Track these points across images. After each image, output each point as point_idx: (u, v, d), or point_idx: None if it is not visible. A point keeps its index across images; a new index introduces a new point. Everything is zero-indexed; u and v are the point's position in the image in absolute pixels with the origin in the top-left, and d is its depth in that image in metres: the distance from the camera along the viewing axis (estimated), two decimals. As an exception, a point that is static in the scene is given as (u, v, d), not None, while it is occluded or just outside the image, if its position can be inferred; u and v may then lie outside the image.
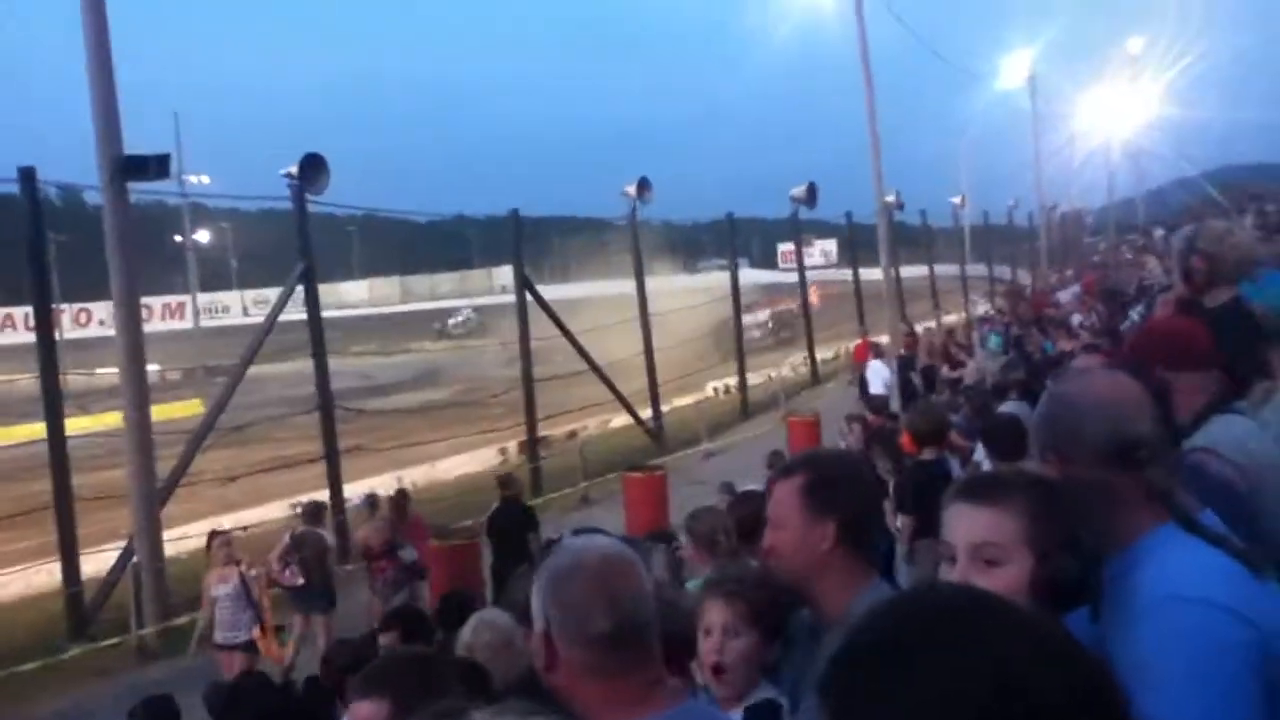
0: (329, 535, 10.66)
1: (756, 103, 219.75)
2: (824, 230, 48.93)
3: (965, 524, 1.78)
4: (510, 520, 10.32)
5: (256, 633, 9.06)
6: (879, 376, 17.60)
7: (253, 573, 9.22)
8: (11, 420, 37.03)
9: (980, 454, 6.84)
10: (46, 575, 14.08)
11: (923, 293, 36.69)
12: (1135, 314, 13.41)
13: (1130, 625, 1.64)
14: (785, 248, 54.46)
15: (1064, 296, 26.60)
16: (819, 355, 28.60)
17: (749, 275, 30.32)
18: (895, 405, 15.75)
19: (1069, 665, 0.93)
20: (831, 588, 2.11)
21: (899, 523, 6.18)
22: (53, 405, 11.80)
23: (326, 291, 15.07)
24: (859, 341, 22.93)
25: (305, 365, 19.90)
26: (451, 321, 57.90)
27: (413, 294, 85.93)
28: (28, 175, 11.48)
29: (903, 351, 18.97)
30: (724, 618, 2.64)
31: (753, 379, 25.13)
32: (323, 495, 15.61)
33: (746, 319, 45.31)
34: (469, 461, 22.14)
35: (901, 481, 6.62)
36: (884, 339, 21.91)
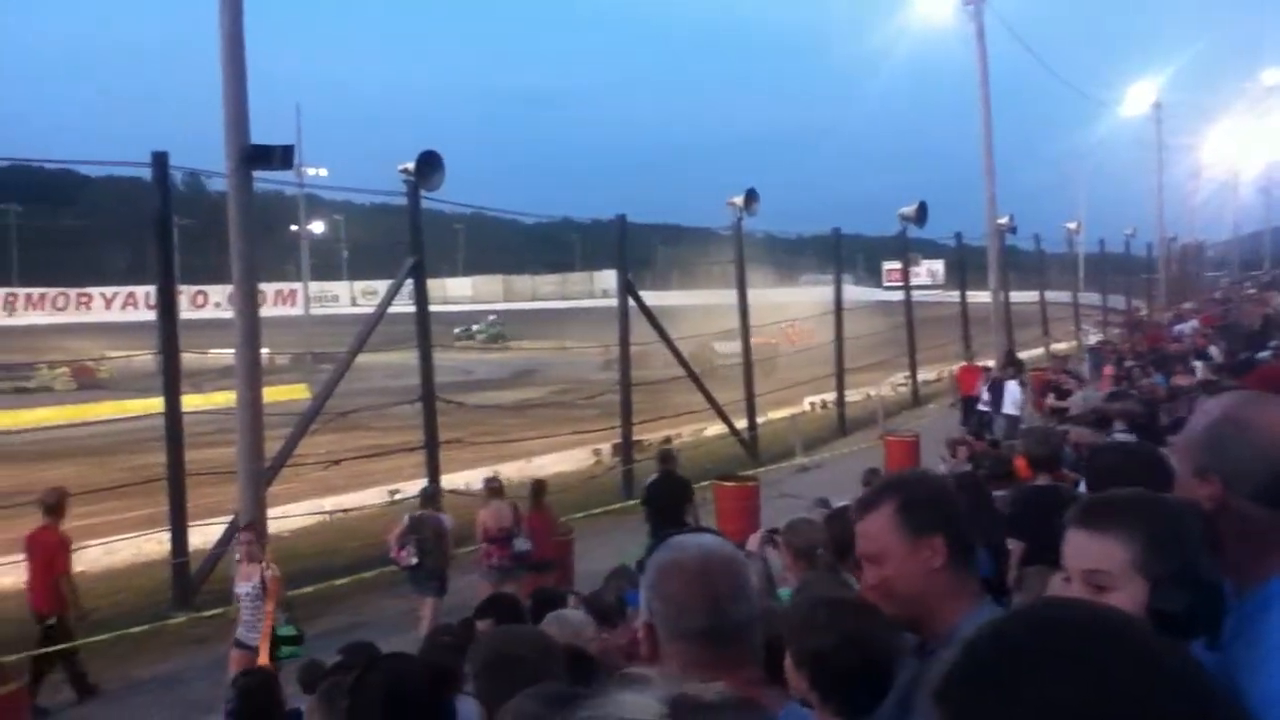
0: (448, 519, 10.77)
1: (868, 121, 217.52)
2: (931, 250, 48.21)
3: (1079, 549, 1.75)
4: (667, 491, 11.27)
5: (268, 631, 8.65)
6: (1011, 398, 17.43)
7: (269, 572, 8.83)
8: (129, 394, 38.72)
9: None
10: (156, 544, 14.66)
11: (1031, 319, 35.86)
12: (1269, 351, 12.97)
13: (1264, 661, 1.59)
14: (891, 266, 53.84)
15: (1182, 330, 25.69)
16: (920, 376, 28.13)
17: (852, 292, 29.94)
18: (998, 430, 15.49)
19: (1190, 692, 0.91)
20: (940, 607, 2.07)
21: (1010, 547, 6.04)
22: (171, 382, 12.26)
23: (433, 286, 15.39)
24: (964, 365, 22.53)
25: (407, 357, 20.36)
26: (475, 326, 58.57)
27: (515, 293, 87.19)
28: (160, 160, 11.96)
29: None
30: None
31: (851, 396, 24.85)
32: (421, 484, 15.97)
33: (727, 348, 45.88)
34: (562, 461, 22.34)
35: (1014, 506, 6.48)
36: (989, 363, 21.48)
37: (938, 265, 54.43)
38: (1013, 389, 17.82)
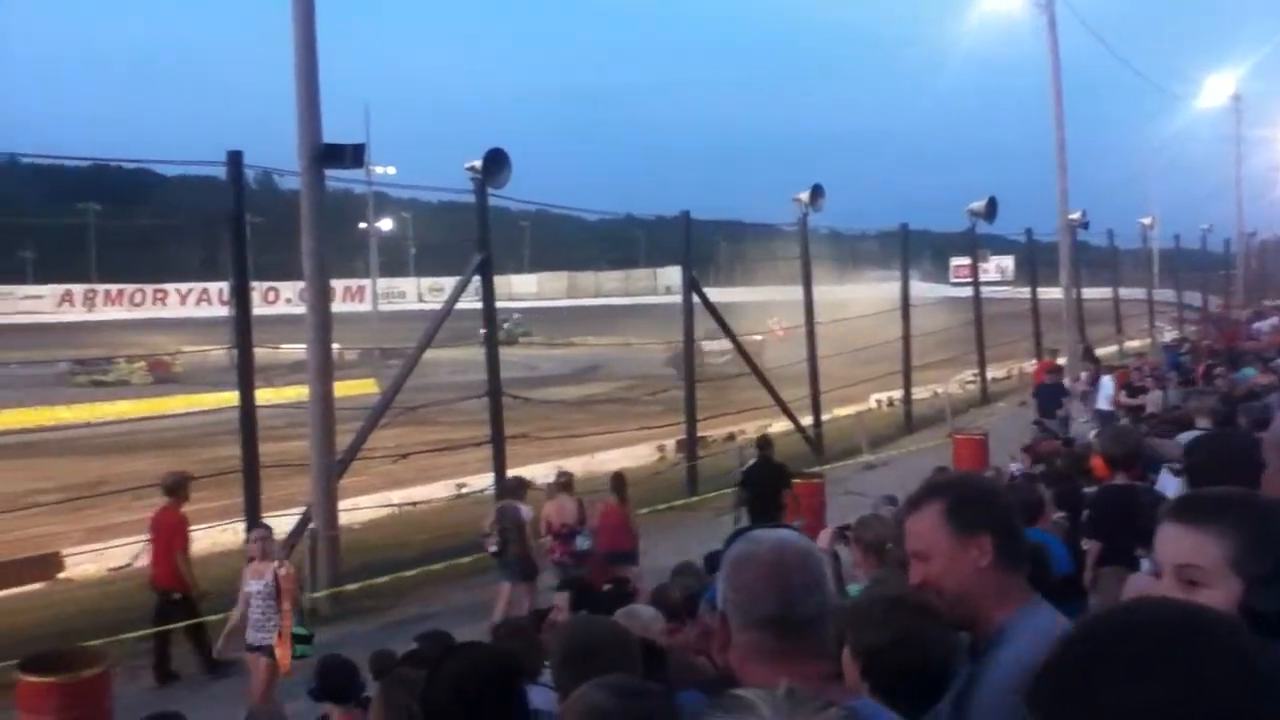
0: (527, 510, 10.92)
1: (936, 116, 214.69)
2: (1001, 246, 47.49)
3: (1172, 544, 1.73)
4: (765, 475, 12.11)
5: (275, 638, 8.45)
6: (1105, 394, 17.30)
7: (283, 570, 8.62)
8: (202, 389, 39.65)
9: (1163, 483, 6.52)
10: (231, 534, 15.00)
11: (1104, 315, 35.15)
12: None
13: None
14: (959, 262, 53.14)
15: (1261, 328, 25.01)
16: (989, 373, 27.72)
17: (919, 288, 29.61)
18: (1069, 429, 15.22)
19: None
20: (988, 606, 2.07)
21: (1085, 548, 5.94)
22: (246, 377, 12.51)
23: (498, 283, 15.54)
24: (1039, 362, 22.23)
25: (471, 352, 20.61)
26: (505, 326, 58.35)
27: (579, 289, 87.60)
28: (235, 159, 12.20)
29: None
30: None
31: (919, 393, 24.57)
32: (487, 478, 16.14)
33: (713, 346, 46.06)
34: (627, 457, 22.40)
35: (1091, 506, 6.36)
36: (1061, 360, 21.14)
37: (1007, 261, 53.65)
38: (1107, 385, 17.59)
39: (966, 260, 35.61)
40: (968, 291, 29.11)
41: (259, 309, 12.88)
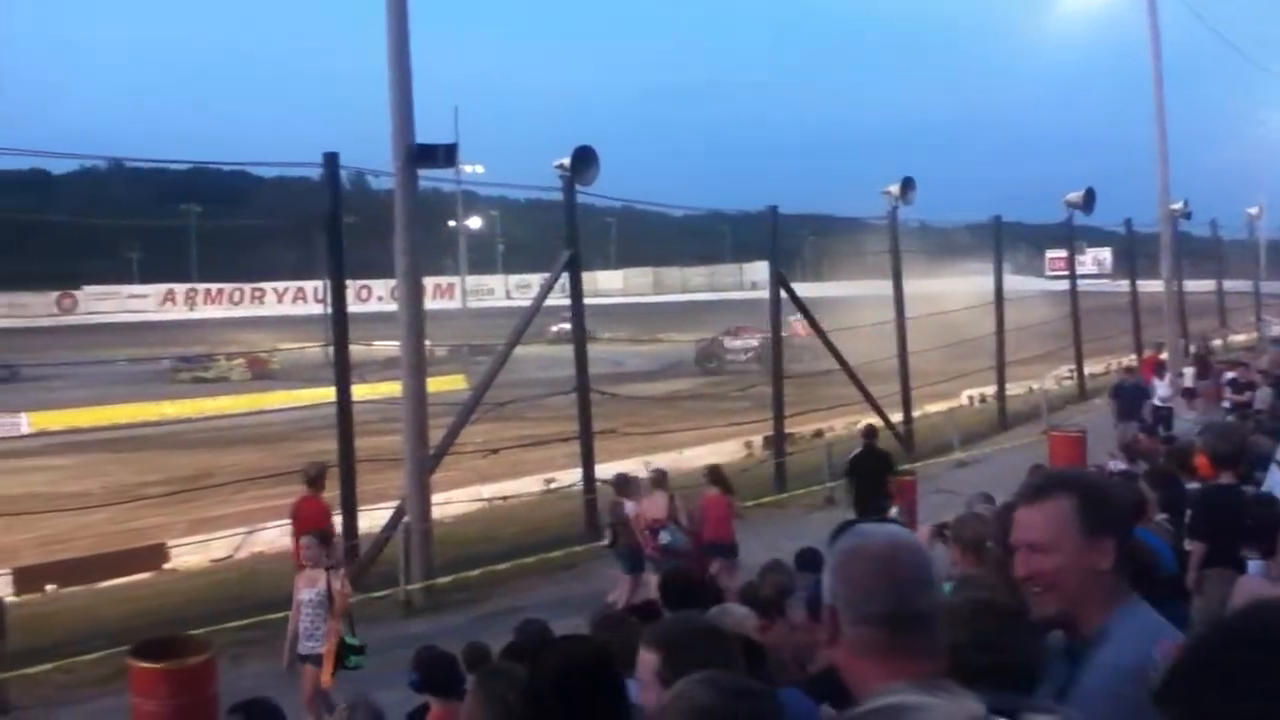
0: (631, 505, 11.13)
1: (1029, 103, 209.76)
2: (1098, 238, 46.28)
3: None
4: (871, 462, 12.64)
5: (325, 650, 8.22)
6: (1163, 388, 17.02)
7: (338, 585, 8.32)
8: (298, 384, 40.69)
9: (1271, 482, 6.30)
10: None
11: (1207, 309, 34.03)
12: None
13: None
14: (1054, 254, 51.87)
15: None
16: (1087, 369, 27.02)
17: (1014, 282, 28.99)
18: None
19: None
20: (1094, 607, 2.05)
21: (1189, 549, 5.75)
22: (342, 373, 12.79)
23: (585, 279, 15.63)
24: (1148, 355, 21.69)
25: (557, 348, 20.79)
26: (555, 329, 58.11)
27: (665, 285, 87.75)
28: (331, 161, 12.50)
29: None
30: None
31: (1013, 389, 24.07)
32: (575, 473, 16.27)
33: (734, 343, 45.90)
34: (713, 453, 22.36)
35: (1195, 507, 6.15)
36: (1163, 355, 20.54)
37: (1105, 253, 52.35)
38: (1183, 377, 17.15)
39: (1063, 252, 34.72)
40: (1064, 285, 28.40)
41: (352, 306, 13.15)
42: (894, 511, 12.11)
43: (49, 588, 14.70)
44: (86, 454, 29.84)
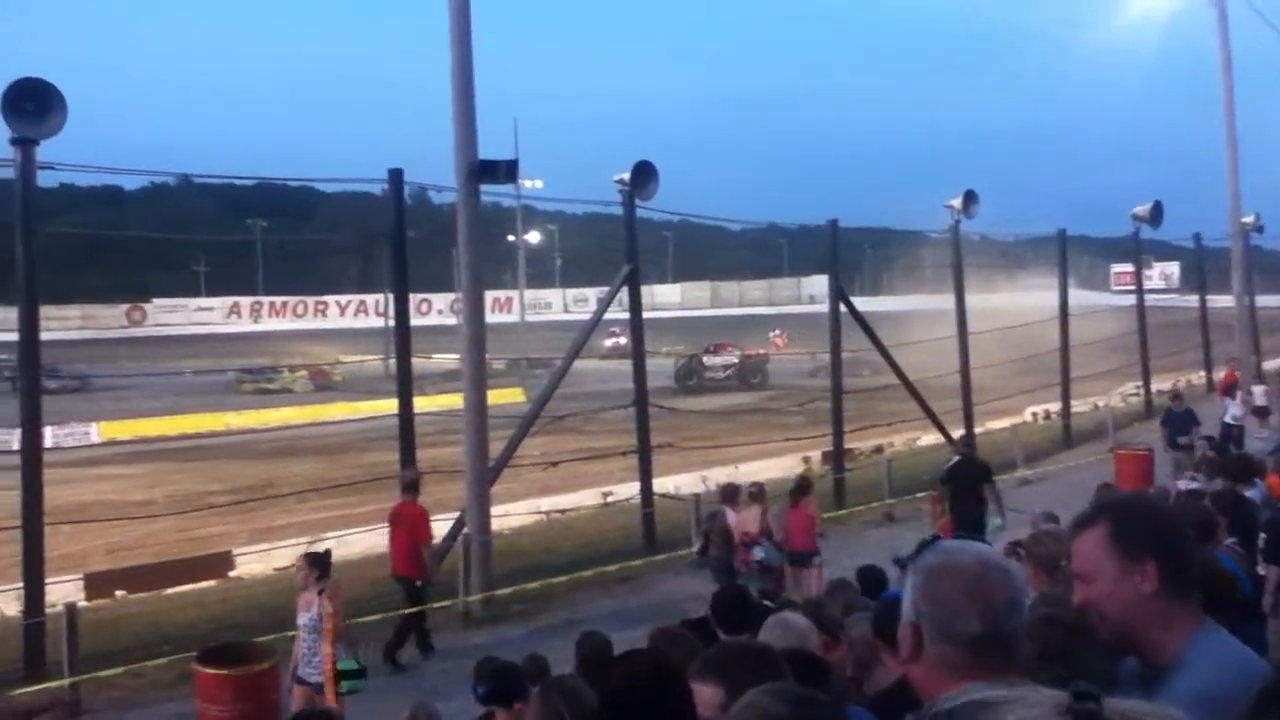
0: (733, 516, 11.20)
1: (1094, 116, 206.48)
2: (1164, 252, 45.39)
3: None
4: (967, 471, 12.73)
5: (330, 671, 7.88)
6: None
7: (325, 607, 7.90)
8: (359, 396, 41.22)
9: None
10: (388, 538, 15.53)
11: (1278, 325, 33.15)
12: None
13: None
14: (1119, 269, 50.98)
15: None
16: (1154, 385, 26.46)
17: (1078, 296, 28.50)
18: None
19: None
20: (1158, 634, 1.99)
21: (1263, 571, 5.60)
22: (405, 385, 12.94)
23: (642, 293, 15.67)
24: (1226, 371, 21.25)
25: (614, 362, 20.82)
26: (609, 344, 57.66)
27: (722, 299, 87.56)
28: (395, 177, 12.65)
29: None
30: None
31: (1078, 406, 23.64)
32: (632, 487, 16.28)
33: (714, 360, 45.57)
34: (771, 467, 22.24)
35: (1267, 529, 5.98)
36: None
37: (1172, 268, 51.38)
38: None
39: (1128, 267, 34.10)
40: (1130, 300, 27.86)
41: (413, 320, 13.29)
42: (995, 522, 12.22)
43: (118, 593, 15.02)
44: (153, 463, 30.48)
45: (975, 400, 20.78)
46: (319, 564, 8.26)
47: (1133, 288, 28.35)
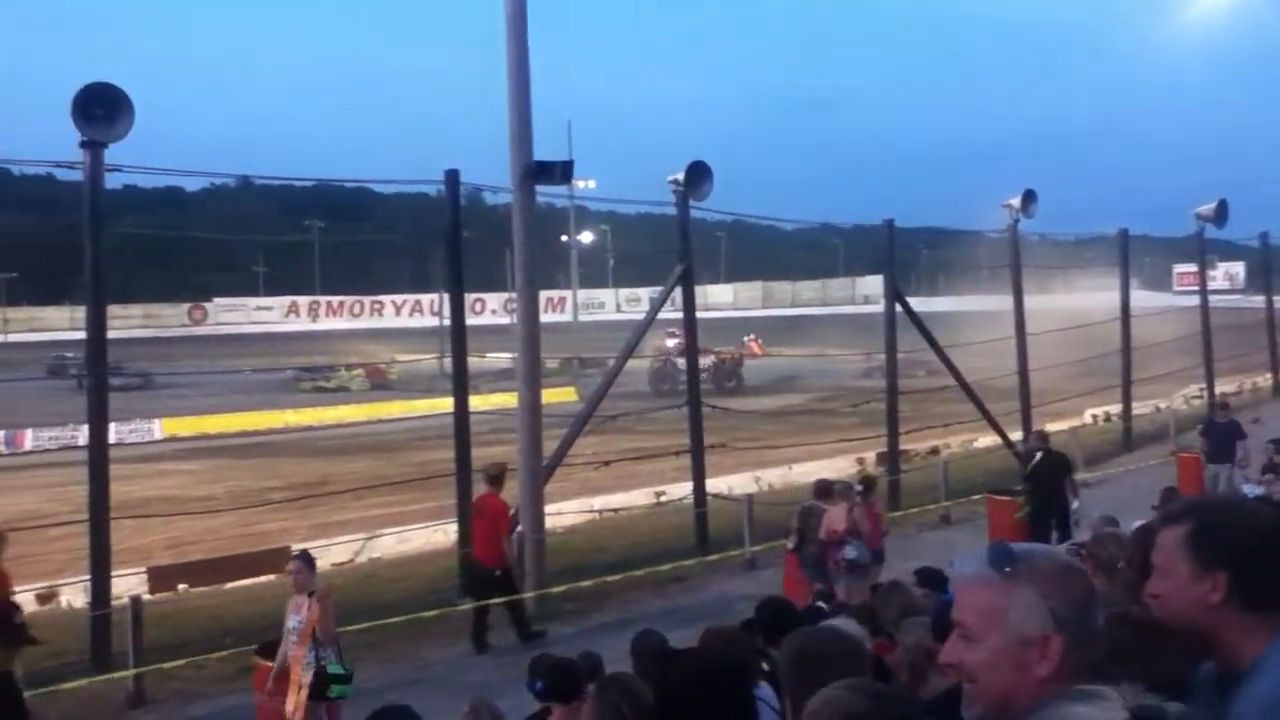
0: (825, 512, 11.27)
1: (1157, 115, 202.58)
2: (1229, 252, 44.43)
3: None
4: (1049, 466, 12.93)
5: (296, 677, 7.69)
6: None
7: (310, 611, 7.72)
8: (415, 395, 41.62)
9: None
10: (443, 535, 15.68)
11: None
12: None
13: None
14: (1182, 269, 50.00)
15: None
16: (1218, 388, 25.91)
17: (1140, 297, 27.98)
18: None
19: None
20: (1231, 641, 1.94)
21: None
22: (461, 384, 13.03)
23: (695, 293, 15.64)
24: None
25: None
26: (669, 342, 57.18)
27: (774, 299, 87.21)
28: (452, 178, 12.75)
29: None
30: None
31: (1139, 408, 23.21)
32: (685, 487, 16.28)
33: (683, 363, 44.73)
34: (825, 469, 22.10)
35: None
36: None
37: (1237, 268, 50.30)
38: None
39: (1191, 267, 33.41)
40: (1193, 300, 27.30)
41: (467, 319, 13.38)
42: (1076, 505, 12.39)
43: (180, 587, 15.33)
44: (214, 459, 31.04)
45: (1034, 402, 20.50)
46: (313, 565, 8.11)
47: (1196, 288, 27.79)
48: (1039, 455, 13.38)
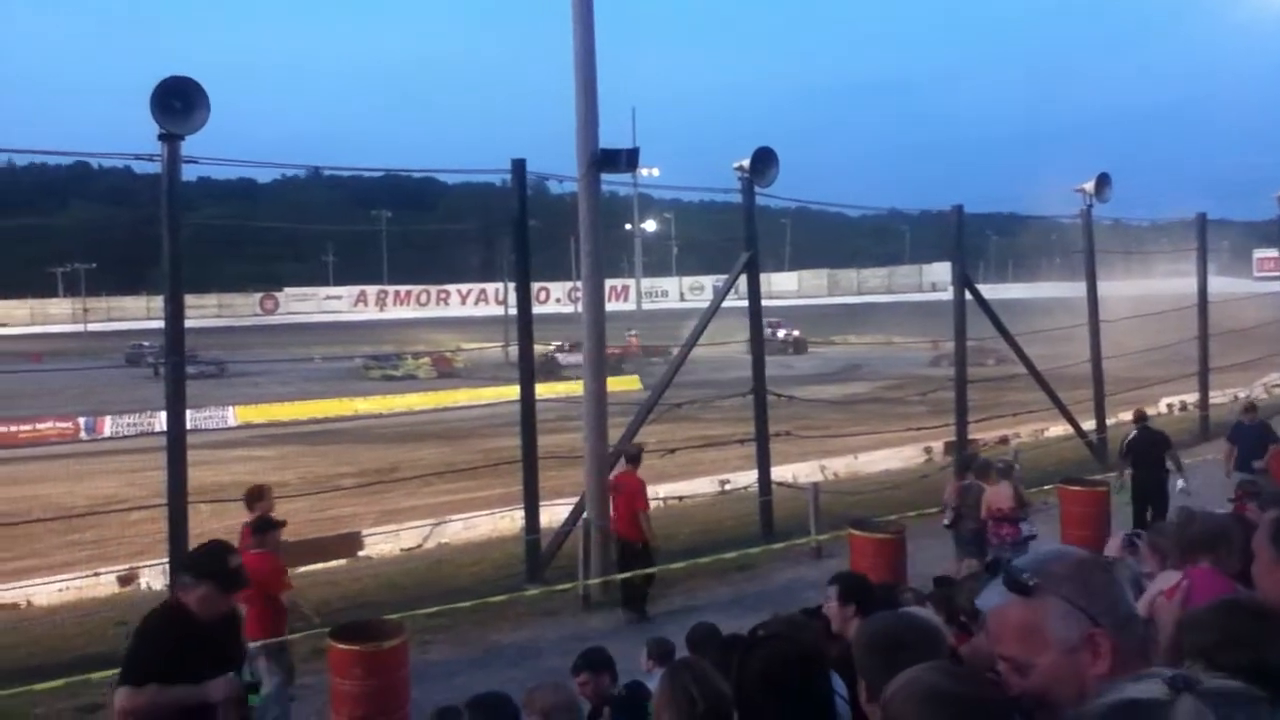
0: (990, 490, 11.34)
1: (1236, 95, 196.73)
2: (1313, 236, 43.04)
3: None
4: (1147, 442, 13.35)
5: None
6: None
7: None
8: (480, 383, 42.06)
9: None
10: (509, 521, 15.85)
11: None
12: None
13: None
14: (1263, 254, 48.59)
15: None
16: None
17: (1217, 283, 27.26)
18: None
19: None
20: None
21: None
22: (527, 372, 13.13)
23: (760, 281, 15.56)
24: None
25: (727, 349, 20.72)
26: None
27: (840, 287, 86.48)
28: (518, 167, 12.80)
29: None
30: None
31: (1216, 398, 22.64)
32: (749, 475, 16.25)
33: (570, 359, 44.90)
34: (891, 458, 21.93)
35: None
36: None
37: (1321, 253, 48.59)
38: None
39: (1273, 252, 32.47)
40: (1274, 286, 26.55)
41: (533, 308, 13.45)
42: (1180, 484, 12.38)
43: (255, 570, 15.68)
44: (286, 446, 31.71)
45: (1107, 391, 20.10)
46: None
47: (1277, 274, 27.00)
48: (1135, 431, 13.61)
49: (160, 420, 13.47)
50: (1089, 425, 19.71)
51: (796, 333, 56.18)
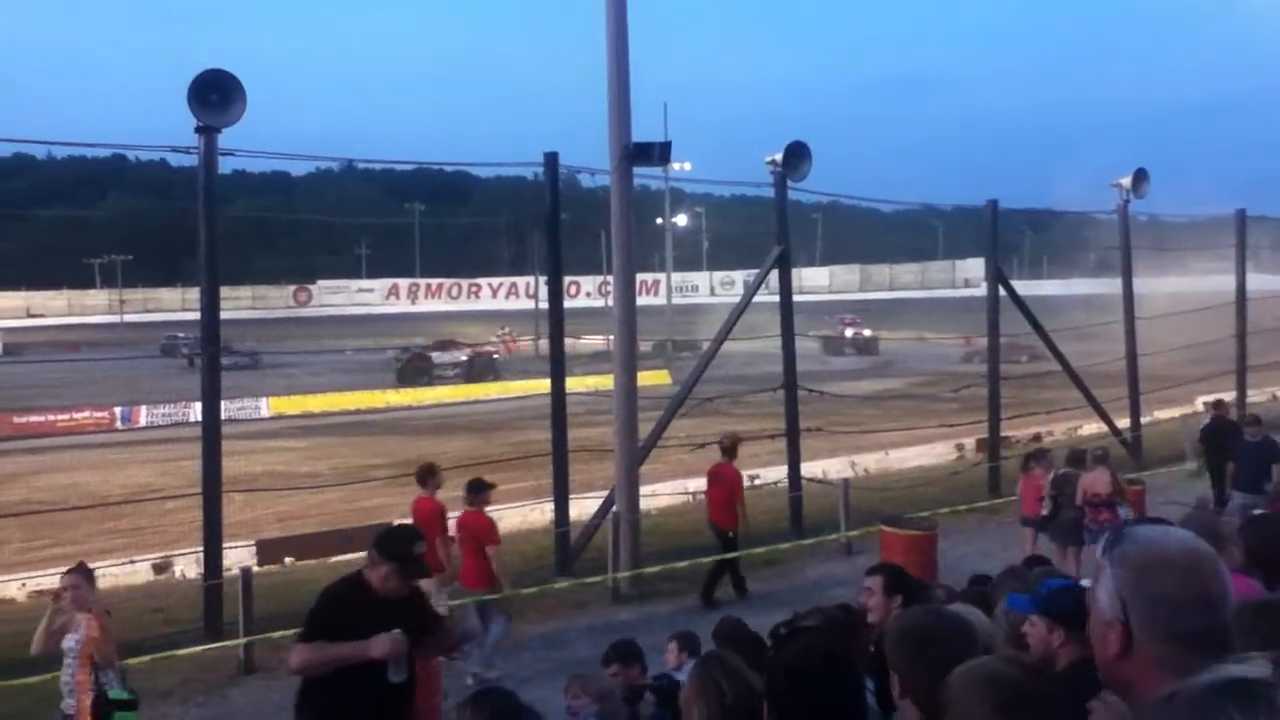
0: (1086, 480, 11.38)
1: (1275, 88, 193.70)
2: (1356, 232, 42.32)
3: None
4: (1220, 432, 14.22)
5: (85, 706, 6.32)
6: None
7: (95, 630, 6.35)
8: (512, 376, 42.17)
9: None
10: (539, 514, 15.89)
11: None
12: None
13: None
14: (1302, 251, 47.76)
15: None
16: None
17: (1258, 281, 26.86)
18: None
19: None
20: None
21: None
22: (559, 366, 13.13)
23: (791, 276, 15.49)
24: None
25: (758, 345, 20.62)
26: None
27: (872, 282, 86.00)
28: (551, 160, 12.81)
29: None
30: None
31: (1255, 396, 22.32)
32: (779, 470, 16.19)
33: (443, 357, 44.72)
34: (923, 454, 21.80)
35: None
36: None
37: (1364, 250, 47.78)
38: None
39: (1313, 250, 31.92)
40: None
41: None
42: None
43: (287, 560, 15.83)
44: (318, 437, 31.95)
45: (1143, 389, 19.87)
46: (93, 579, 6.89)
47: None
48: (1210, 418, 14.95)
49: (195, 410, 13.62)
50: (1124, 423, 19.49)
51: (868, 332, 55.08)
